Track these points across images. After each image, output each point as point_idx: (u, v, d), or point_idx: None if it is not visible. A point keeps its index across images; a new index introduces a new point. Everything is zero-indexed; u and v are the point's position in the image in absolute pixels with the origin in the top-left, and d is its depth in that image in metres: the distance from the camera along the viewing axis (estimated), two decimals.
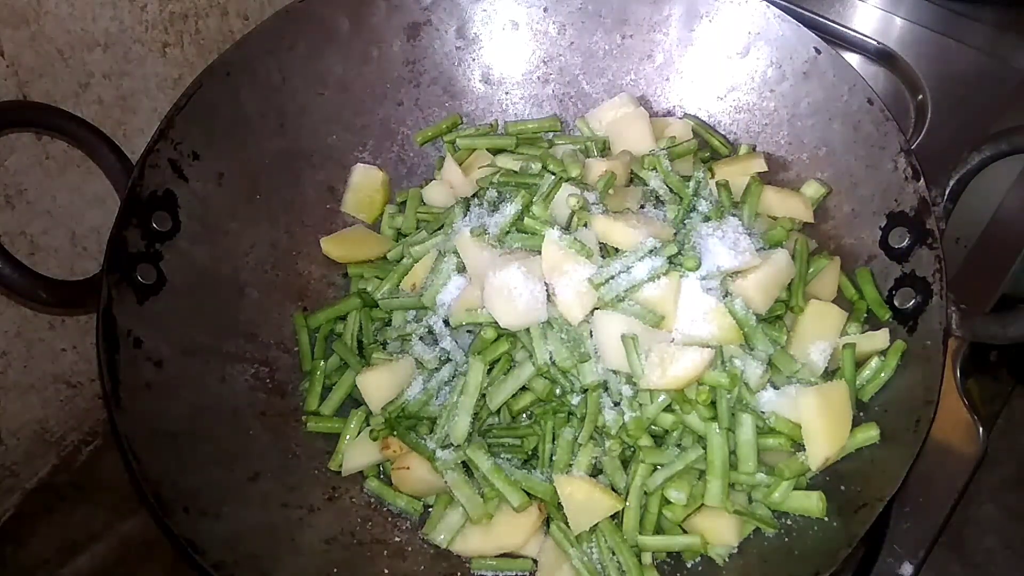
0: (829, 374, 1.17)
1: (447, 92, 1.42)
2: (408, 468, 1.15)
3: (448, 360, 1.19)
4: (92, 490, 1.42)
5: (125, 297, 1.12)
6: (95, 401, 1.47)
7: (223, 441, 1.15)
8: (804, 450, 1.08)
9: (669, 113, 1.41)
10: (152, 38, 1.34)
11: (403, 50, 1.39)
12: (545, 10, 1.40)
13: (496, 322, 1.11)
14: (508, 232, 1.17)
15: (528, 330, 1.12)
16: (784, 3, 1.49)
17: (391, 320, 1.26)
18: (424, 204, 1.37)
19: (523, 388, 1.13)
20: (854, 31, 1.62)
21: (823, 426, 1.07)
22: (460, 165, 1.36)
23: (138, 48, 1.32)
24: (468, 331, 1.19)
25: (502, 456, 1.14)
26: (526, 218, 1.16)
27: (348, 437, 1.20)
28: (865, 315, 1.19)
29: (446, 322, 1.19)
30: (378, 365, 1.20)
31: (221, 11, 1.43)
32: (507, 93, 1.44)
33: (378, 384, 1.18)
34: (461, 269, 1.20)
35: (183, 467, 1.08)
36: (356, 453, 1.19)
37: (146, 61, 1.34)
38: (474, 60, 1.42)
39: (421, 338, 1.22)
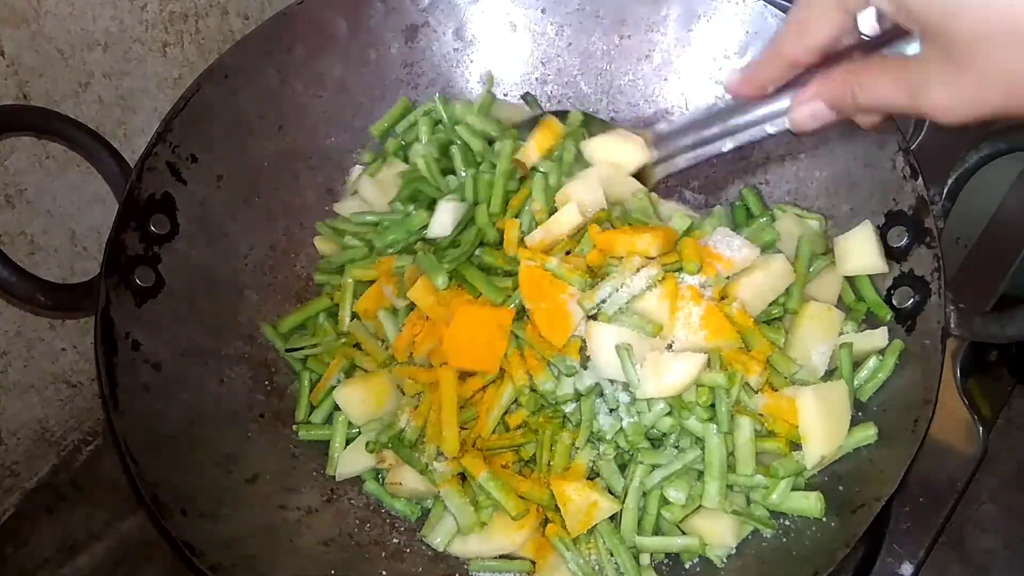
0: (827, 374, 1.16)
1: (445, 93, 1.42)
2: (400, 484, 1.15)
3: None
4: (92, 490, 1.42)
5: (123, 300, 1.12)
6: (95, 401, 1.47)
7: (221, 443, 1.15)
8: (801, 450, 1.08)
9: (668, 112, 1.40)
10: (152, 38, 1.34)
11: (401, 52, 1.39)
12: (543, 11, 1.39)
13: None
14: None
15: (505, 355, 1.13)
16: (784, 2, 1.48)
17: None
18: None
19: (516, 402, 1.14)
20: None
21: (821, 425, 1.06)
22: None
23: (138, 48, 1.32)
24: None
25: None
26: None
27: (337, 444, 1.20)
28: (863, 317, 1.19)
29: None
30: (353, 380, 1.20)
31: (221, 11, 1.43)
32: (505, 94, 1.44)
33: (355, 399, 1.17)
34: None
35: (181, 469, 1.08)
36: (350, 460, 1.19)
37: (146, 61, 1.34)
38: (472, 62, 1.42)
39: None
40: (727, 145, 1.07)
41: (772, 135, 1.01)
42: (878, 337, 1.15)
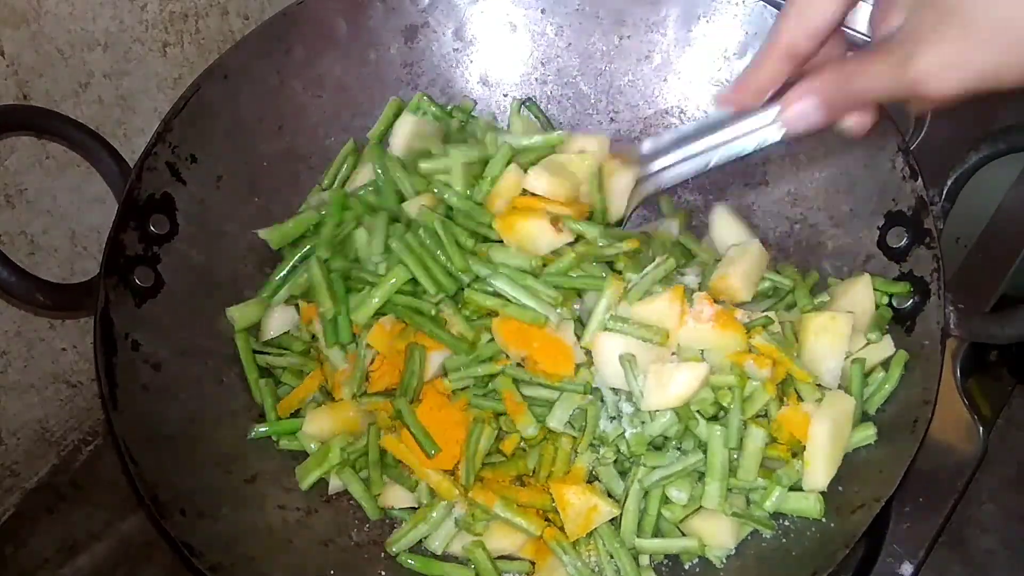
0: None
1: (445, 94, 1.42)
2: (392, 507, 1.16)
3: None
4: (92, 490, 1.42)
5: (123, 300, 1.12)
6: (95, 401, 1.47)
7: (220, 443, 1.15)
8: (800, 456, 1.08)
9: (666, 113, 1.40)
10: (152, 38, 1.34)
11: (400, 52, 1.39)
12: (543, 11, 1.39)
13: None
14: None
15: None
16: (784, 3, 1.48)
17: None
18: None
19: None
20: (854, 31, 1.61)
21: (826, 453, 1.05)
22: None
23: (138, 48, 1.32)
24: None
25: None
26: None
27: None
28: (887, 325, 1.16)
29: None
30: (319, 411, 1.18)
31: (221, 11, 1.43)
32: (505, 95, 1.44)
33: (325, 429, 1.16)
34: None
35: (180, 469, 1.08)
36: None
37: (146, 61, 1.34)
38: (472, 62, 1.42)
39: None
40: (713, 160, 1.05)
41: (759, 149, 1.00)
42: (883, 348, 1.13)
